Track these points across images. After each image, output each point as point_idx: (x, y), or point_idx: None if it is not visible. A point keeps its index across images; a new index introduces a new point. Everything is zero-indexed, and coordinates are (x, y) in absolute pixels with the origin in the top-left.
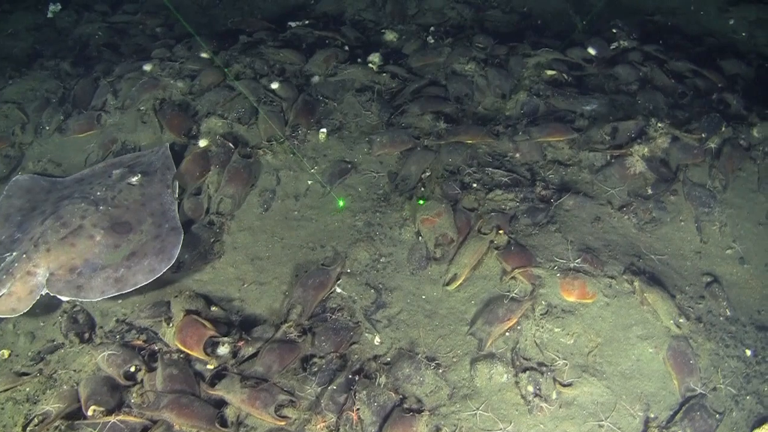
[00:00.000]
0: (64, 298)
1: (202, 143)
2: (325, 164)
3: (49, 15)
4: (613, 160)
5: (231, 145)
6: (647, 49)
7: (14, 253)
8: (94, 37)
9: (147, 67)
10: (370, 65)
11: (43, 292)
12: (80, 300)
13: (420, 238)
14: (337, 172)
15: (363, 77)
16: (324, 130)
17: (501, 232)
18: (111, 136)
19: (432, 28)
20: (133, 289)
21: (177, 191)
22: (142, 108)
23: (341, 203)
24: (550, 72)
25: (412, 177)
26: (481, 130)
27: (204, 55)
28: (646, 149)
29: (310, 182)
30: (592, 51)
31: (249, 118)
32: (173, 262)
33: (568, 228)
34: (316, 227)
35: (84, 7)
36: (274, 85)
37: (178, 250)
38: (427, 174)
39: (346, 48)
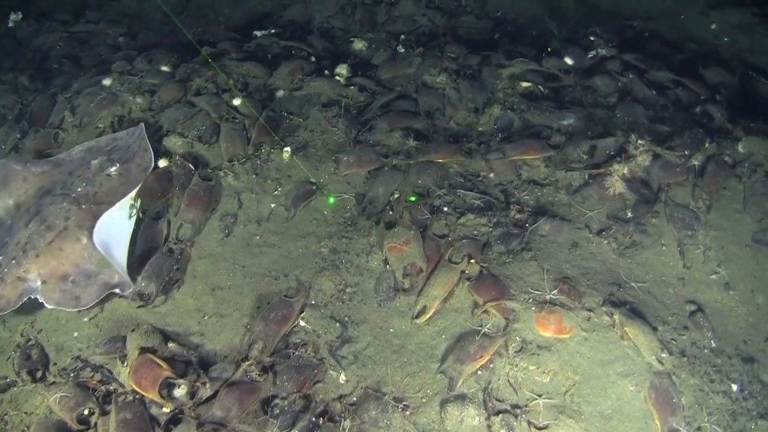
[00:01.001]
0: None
1: (162, 164)
2: (289, 185)
3: (10, 24)
4: (591, 180)
5: (191, 166)
6: (626, 58)
7: (1, 258)
8: (55, 48)
9: (106, 82)
10: (337, 78)
11: (38, 300)
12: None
13: (387, 266)
14: (302, 194)
15: (330, 91)
16: (288, 149)
17: (473, 261)
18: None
19: (402, 36)
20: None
21: (139, 210)
22: (100, 125)
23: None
24: (525, 84)
25: (380, 199)
26: (453, 149)
27: (164, 68)
28: (626, 169)
29: (273, 205)
30: (569, 61)
31: (210, 136)
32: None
33: (543, 255)
34: (279, 254)
35: (45, 16)
36: (237, 101)
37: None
38: (396, 196)
39: (313, 59)
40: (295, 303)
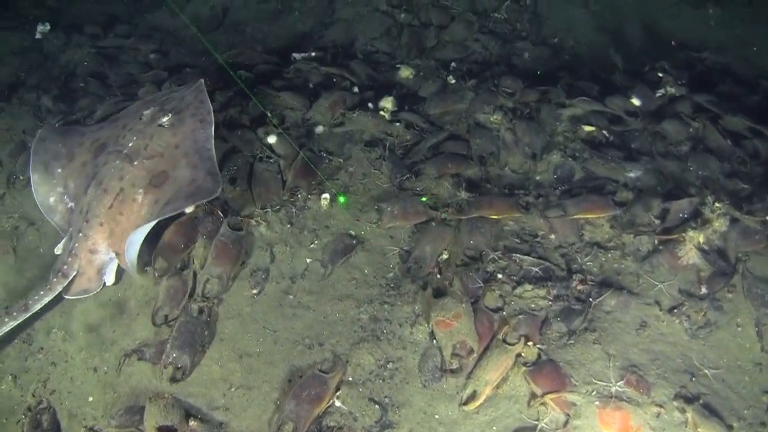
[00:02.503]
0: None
1: (189, 209)
2: (326, 238)
3: (38, 36)
4: (661, 247)
5: (220, 213)
6: (698, 100)
7: (72, 232)
8: (82, 65)
9: None
10: (382, 113)
11: (110, 273)
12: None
13: (434, 341)
14: (341, 249)
15: (373, 128)
16: (327, 195)
17: (530, 343)
18: None
19: (453, 64)
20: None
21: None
22: None
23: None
24: (588, 128)
25: (427, 260)
26: (509, 203)
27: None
28: (701, 236)
29: (308, 260)
30: (635, 101)
31: (242, 178)
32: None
33: (609, 337)
34: (313, 318)
35: (74, 28)
36: (271, 139)
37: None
38: (445, 257)
39: (355, 89)
40: (331, 380)
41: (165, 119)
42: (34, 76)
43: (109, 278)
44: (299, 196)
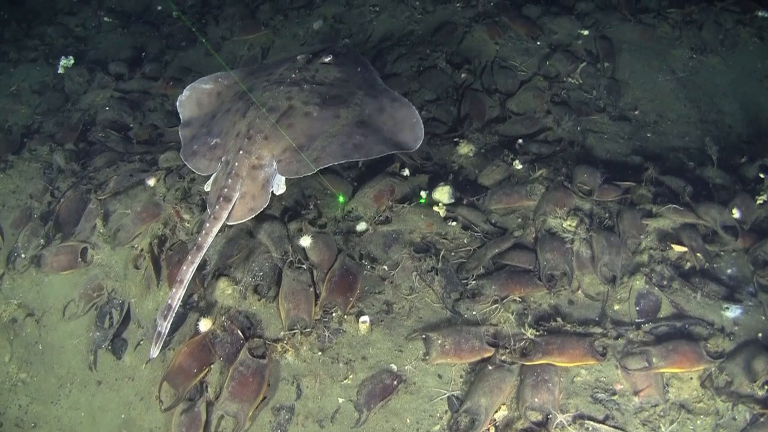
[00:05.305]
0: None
1: (204, 326)
2: (363, 372)
3: (60, 70)
4: (763, 420)
5: (240, 333)
6: None
7: (226, 159)
8: (103, 110)
9: (150, 182)
10: (436, 207)
11: (279, 181)
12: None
13: None
14: (379, 390)
15: (425, 228)
16: (366, 319)
17: None
18: (96, 281)
19: (520, 141)
20: (378, 156)
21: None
22: (135, 246)
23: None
24: (678, 248)
25: (481, 415)
26: (583, 348)
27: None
28: None
29: (341, 400)
30: (736, 213)
31: (269, 286)
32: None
33: None
34: None
35: (99, 64)
36: (305, 242)
37: (421, 124)
38: (503, 414)
39: (406, 173)
40: None
41: (327, 59)
42: (51, 120)
43: (278, 189)
44: (334, 315)
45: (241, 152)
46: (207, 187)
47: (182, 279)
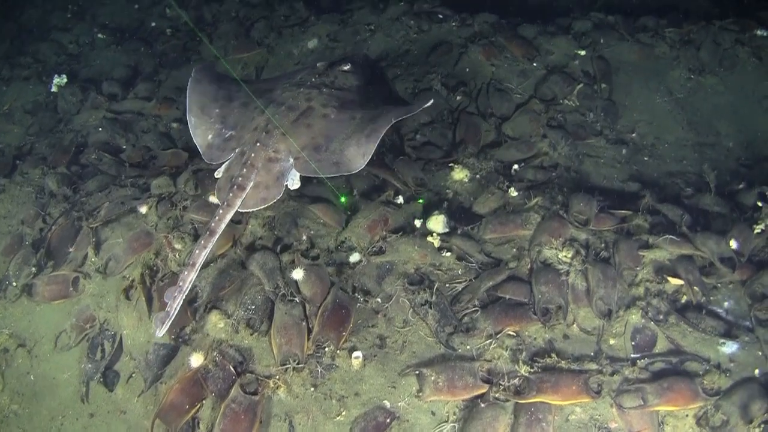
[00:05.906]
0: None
1: (196, 361)
2: (356, 409)
3: (53, 89)
4: None
5: (232, 369)
6: None
7: (242, 149)
8: (96, 132)
9: (142, 210)
10: (430, 238)
11: (294, 176)
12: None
13: None
14: (371, 427)
15: (419, 259)
16: (359, 354)
17: None
18: (87, 312)
19: (515, 167)
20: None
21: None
22: (126, 276)
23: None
24: (674, 281)
25: None
26: (577, 385)
27: (213, 199)
28: None
29: None
30: (733, 245)
31: (261, 320)
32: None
33: None
34: None
35: (92, 83)
36: (298, 275)
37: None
38: None
39: (400, 200)
40: None
41: (346, 67)
42: (43, 141)
43: (293, 183)
44: (326, 350)
45: (258, 144)
46: (218, 174)
47: (194, 262)
